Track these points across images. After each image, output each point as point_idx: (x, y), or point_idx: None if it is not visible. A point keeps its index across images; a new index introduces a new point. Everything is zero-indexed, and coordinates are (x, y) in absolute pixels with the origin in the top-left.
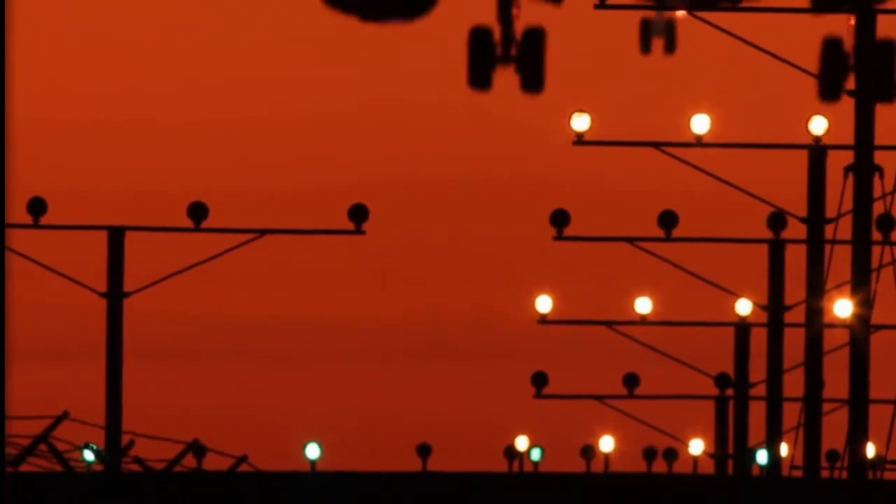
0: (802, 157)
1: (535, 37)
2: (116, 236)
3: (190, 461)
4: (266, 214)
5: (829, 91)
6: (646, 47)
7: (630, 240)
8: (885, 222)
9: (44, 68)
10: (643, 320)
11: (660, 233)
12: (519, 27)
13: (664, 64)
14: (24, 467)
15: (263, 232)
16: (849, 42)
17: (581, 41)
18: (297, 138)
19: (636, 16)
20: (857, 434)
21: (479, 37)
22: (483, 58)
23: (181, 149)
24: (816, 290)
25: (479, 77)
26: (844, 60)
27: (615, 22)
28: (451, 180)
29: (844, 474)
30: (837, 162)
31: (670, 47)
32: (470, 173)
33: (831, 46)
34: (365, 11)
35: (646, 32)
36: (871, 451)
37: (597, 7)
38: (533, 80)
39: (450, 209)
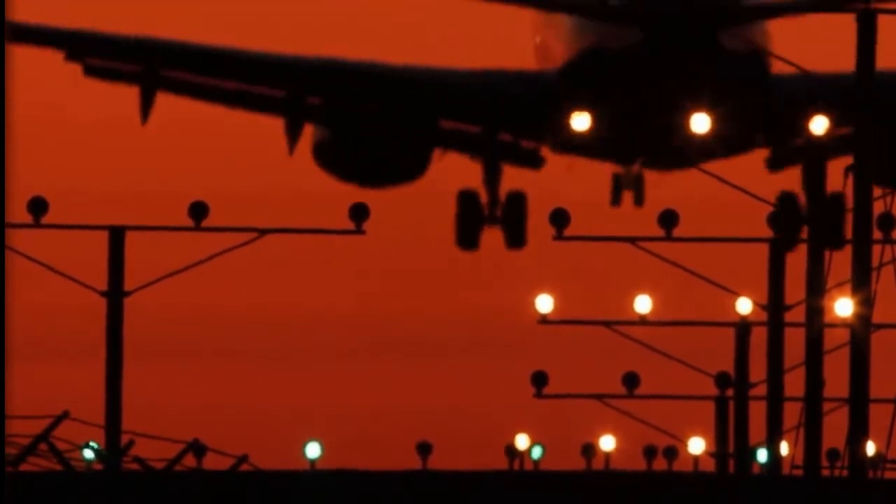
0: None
1: (517, 200)
2: (117, 236)
3: (190, 461)
4: (267, 214)
5: (785, 244)
6: (616, 200)
7: (630, 239)
8: (886, 222)
9: (44, 68)
10: (643, 320)
11: (660, 232)
12: (503, 191)
13: None
14: (24, 467)
15: (264, 231)
16: (801, 197)
17: None
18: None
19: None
20: (858, 433)
21: (466, 200)
22: (470, 220)
23: (182, 149)
24: (817, 289)
25: (467, 238)
26: (799, 214)
27: None
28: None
29: (845, 473)
30: (838, 162)
31: (639, 200)
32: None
33: (787, 202)
34: (361, 179)
35: (617, 186)
36: (871, 450)
37: None
38: (516, 238)
39: (450, 209)
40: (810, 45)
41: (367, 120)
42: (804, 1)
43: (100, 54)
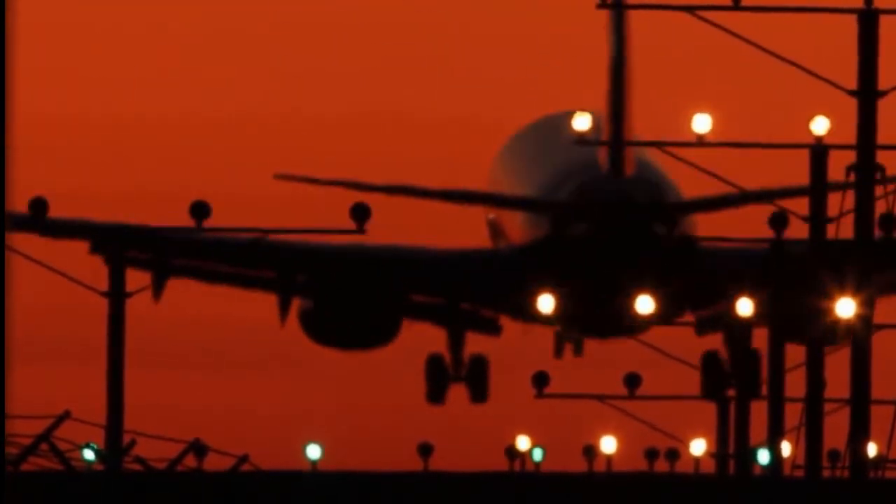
0: (804, 156)
1: (479, 362)
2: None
3: (191, 461)
4: (267, 214)
5: (712, 393)
6: (559, 352)
7: None
8: (887, 222)
9: (44, 67)
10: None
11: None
12: (466, 354)
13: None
14: (25, 466)
15: (265, 231)
16: (724, 354)
17: (582, 41)
18: (300, 139)
19: (639, 16)
20: (859, 434)
21: (433, 363)
22: (437, 379)
23: (182, 148)
24: (817, 290)
25: (435, 394)
26: (723, 370)
27: None
28: (453, 182)
29: (846, 474)
30: (839, 162)
31: (578, 351)
32: (471, 174)
33: (710, 360)
34: (340, 344)
35: (559, 340)
36: (872, 450)
37: (599, 7)
38: (479, 395)
39: (450, 210)
40: (810, 45)
41: (345, 293)
42: (734, 197)
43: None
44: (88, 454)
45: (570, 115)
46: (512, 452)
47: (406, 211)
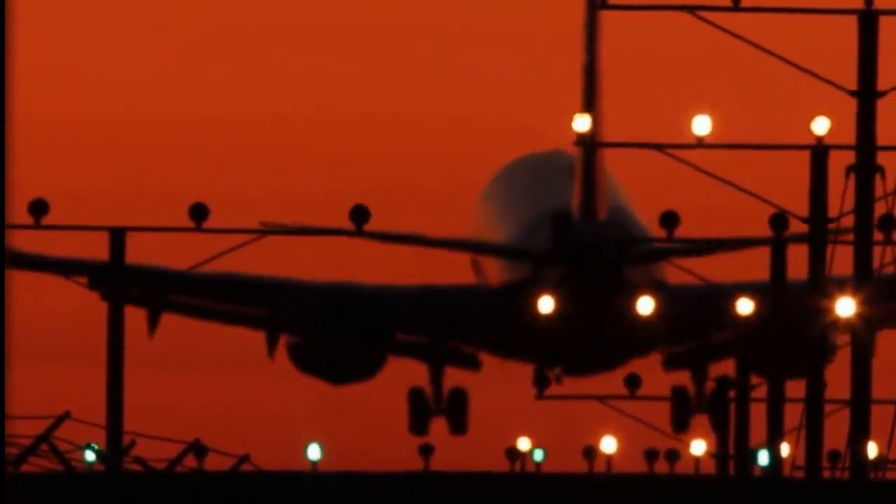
0: (804, 157)
1: (459, 395)
2: (117, 237)
3: (191, 461)
4: (267, 215)
5: (679, 427)
6: (540, 387)
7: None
8: (887, 223)
9: (43, 65)
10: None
11: (661, 233)
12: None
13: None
14: (25, 467)
15: (265, 232)
16: (692, 389)
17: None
18: (301, 139)
19: (638, 16)
20: (859, 434)
21: (416, 397)
22: (419, 412)
23: (182, 148)
24: (818, 290)
25: (417, 427)
26: (689, 405)
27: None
28: (453, 182)
29: (846, 475)
30: (839, 162)
31: (559, 380)
32: (472, 175)
33: (678, 395)
34: (327, 377)
35: (539, 376)
36: (872, 451)
37: (598, 8)
38: (458, 427)
39: (451, 211)
40: (810, 45)
41: (332, 330)
42: (705, 245)
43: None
44: (89, 455)
45: (547, 155)
46: (513, 453)
47: (406, 211)
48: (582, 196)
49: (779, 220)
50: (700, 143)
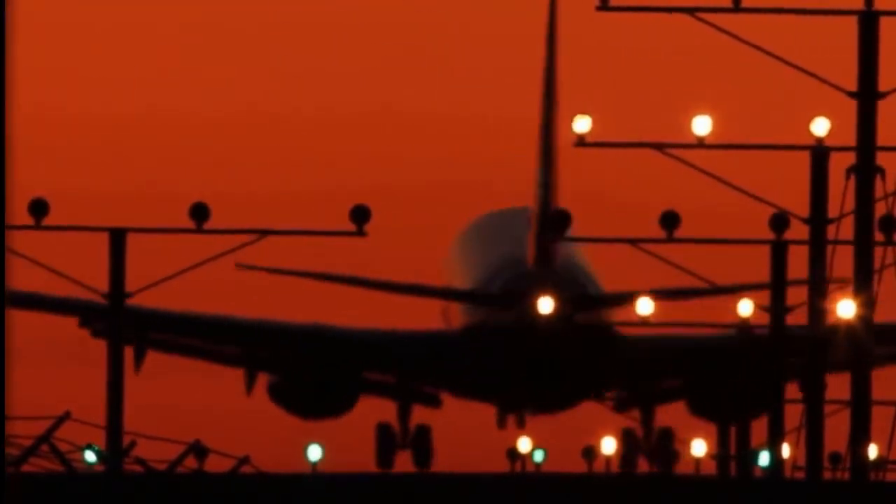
0: (805, 158)
1: (424, 431)
2: (118, 237)
3: (192, 462)
4: (268, 215)
5: (627, 466)
6: (501, 424)
7: (632, 241)
8: (887, 223)
9: (43, 64)
10: (645, 322)
11: (662, 234)
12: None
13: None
14: (25, 467)
15: (265, 233)
16: (640, 432)
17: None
18: (302, 139)
19: (638, 17)
20: (860, 436)
21: (382, 431)
22: (386, 446)
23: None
24: (819, 291)
25: (384, 460)
26: (637, 445)
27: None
28: (453, 182)
29: (847, 476)
30: (840, 163)
31: (521, 424)
32: (472, 175)
33: (627, 436)
34: (302, 413)
35: (501, 414)
36: (873, 452)
37: (598, 9)
38: (423, 460)
39: (451, 211)
40: (811, 46)
41: (308, 370)
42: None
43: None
44: (90, 456)
45: (510, 210)
46: (513, 454)
47: (406, 212)
48: (536, 246)
49: (779, 220)
50: (700, 144)
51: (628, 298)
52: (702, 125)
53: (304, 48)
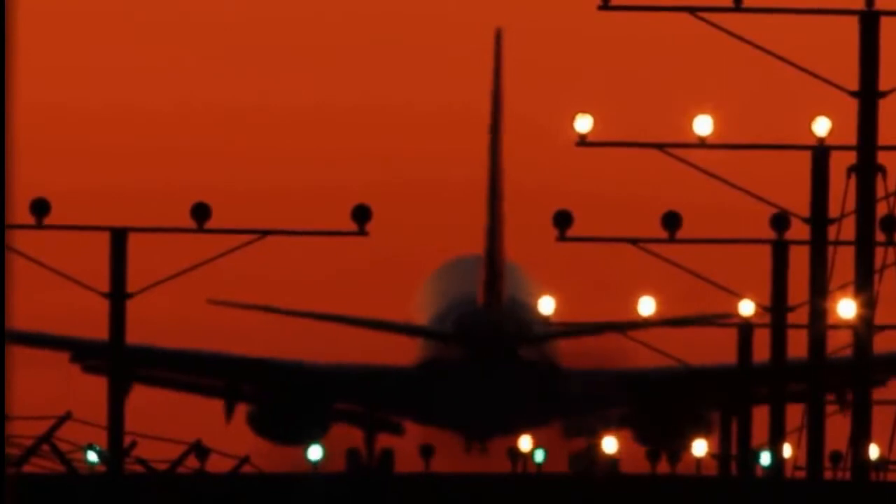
0: (806, 158)
1: (387, 455)
2: (119, 237)
3: (193, 462)
4: (269, 215)
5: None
6: (467, 450)
7: (633, 241)
8: (888, 223)
9: (43, 60)
10: (646, 321)
11: (663, 234)
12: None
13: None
14: (26, 468)
15: (265, 233)
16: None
17: (583, 43)
18: (303, 138)
19: (640, 17)
20: (861, 436)
21: (351, 455)
22: (354, 469)
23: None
24: (820, 291)
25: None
26: (593, 466)
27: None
28: (453, 183)
29: (848, 476)
30: (841, 163)
31: (484, 450)
32: (472, 176)
33: (587, 453)
34: (279, 440)
35: (467, 441)
36: (874, 452)
37: (600, 8)
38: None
39: (448, 211)
40: (812, 46)
41: (283, 400)
42: (591, 326)
43: (94, 357)
44: (92, 456)
45: (471, 257)
46: (514, 454)
47: (406, 212)
48: (484, 288)
49: (780, 220)
50: (702, 144)
51: (555, 336)
52: (703, 125)
53: (303, 48)
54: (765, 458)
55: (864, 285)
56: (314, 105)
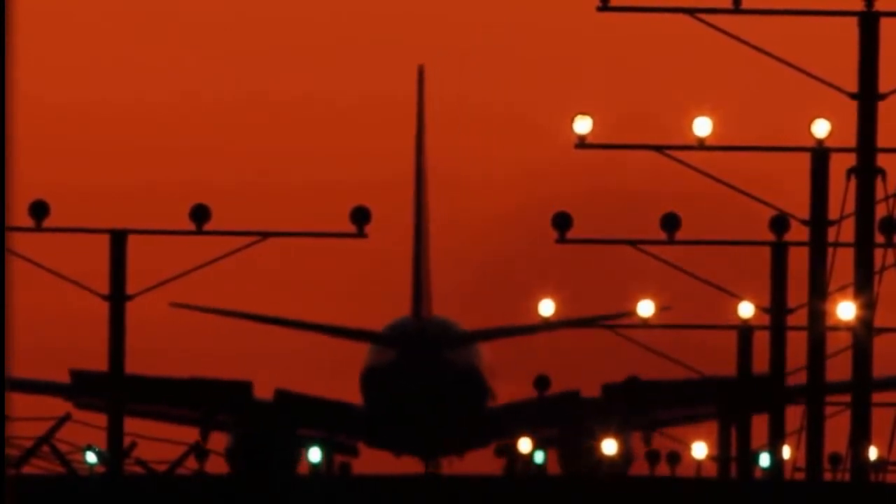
0: (805, 160)
1: (346, 469)
2: (119, 239)
3: (192, 463)
4: (269, 216)
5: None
6: (434, 468)
7: (632, 242)
8: (888, 225)
9: (43, 58)
10: (645, 323)
11: (662, 235)
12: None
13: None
14: (26, 468)
15: (265, 234)
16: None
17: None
18: (303, 138)
19: (639, 18)
20: (860, 437)
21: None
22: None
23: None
24: (819, 292)
25: None
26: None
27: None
28: (454, 183)
29: (847, 477)
30: (840, 165)
31: (435, 466)
32: (472, 176)
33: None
34: (254, 468)
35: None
36: (873, 453)
37: (599, 9)
38: None
39: (447, 212)
40: (811, 47)
41: (255, 431)
42: (538, 326)
43: (87, 393)
44: (91, 457)
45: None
46: (514, 454)
47: (405, 213)
48: (413, 300)
49: (780, 222)
50: (701, 145)
51: (486, 335)
52: (702, 126)
53: (303, 48)
54: (764, 460)
55: (863, 287)
56: (314, 104)
